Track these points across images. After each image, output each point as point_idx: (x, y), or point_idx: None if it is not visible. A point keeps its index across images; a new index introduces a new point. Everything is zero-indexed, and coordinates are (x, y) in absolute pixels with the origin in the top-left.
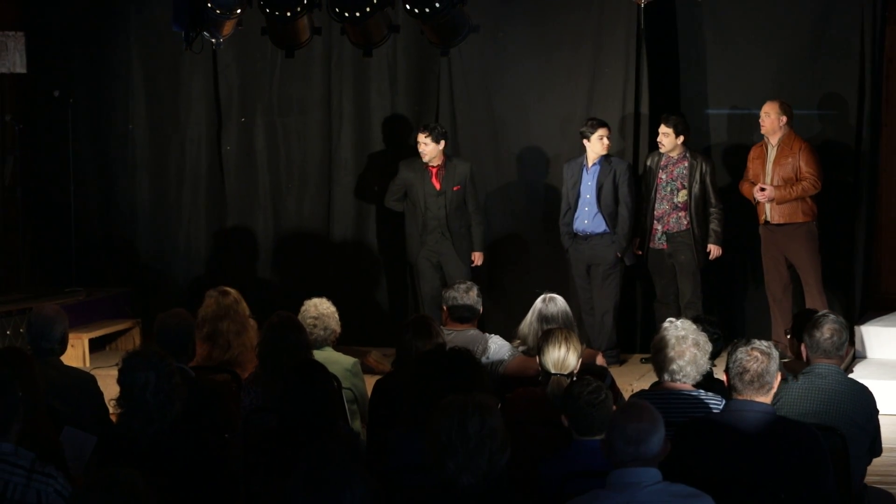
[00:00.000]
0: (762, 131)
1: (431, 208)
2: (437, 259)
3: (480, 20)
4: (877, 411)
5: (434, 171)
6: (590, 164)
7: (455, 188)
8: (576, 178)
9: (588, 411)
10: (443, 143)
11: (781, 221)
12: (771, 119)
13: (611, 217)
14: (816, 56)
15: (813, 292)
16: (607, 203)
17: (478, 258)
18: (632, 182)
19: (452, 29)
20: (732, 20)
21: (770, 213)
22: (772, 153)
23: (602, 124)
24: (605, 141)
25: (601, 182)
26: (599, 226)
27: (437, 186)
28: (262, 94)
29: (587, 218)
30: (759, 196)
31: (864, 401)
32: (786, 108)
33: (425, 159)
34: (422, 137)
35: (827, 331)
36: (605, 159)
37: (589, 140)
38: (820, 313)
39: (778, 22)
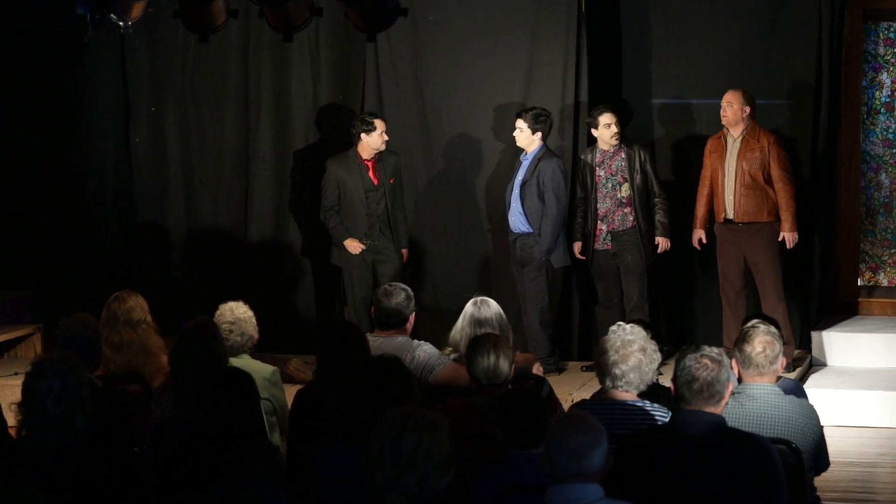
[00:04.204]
0: (723, 122)
1: (371, 205)
2: (373, 259)
3: (410, 3)
4: (819, 428)
5: (370, 164)
6: (522, 157)
7: (391, 181)
8: (515, 170)
9: (524, 423)
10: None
11: (745, 220)
12: (734, 109)
13: (534, 216)
14: (770, 41)
15: (771, 298)
16: (531, 202)
17: (406, 255)
18: (559, 181)
19: (379, 12)
20: (680, 1)
21: (732, 209)
22: (734, 146)
23: (518, 115)
24: (517, 132)
25: (526, 179)
26: (524, 225)
27: (375, 181)
28: (173, 81)
29: (513, 215)
30: (788, 246)
31: (801, 422)
32: (749, 98)
33: (382, 149)
34: (382, 126)
35: (759, 344)
36: (536, 155)
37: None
38: (749, 324)
39: (729, 4)
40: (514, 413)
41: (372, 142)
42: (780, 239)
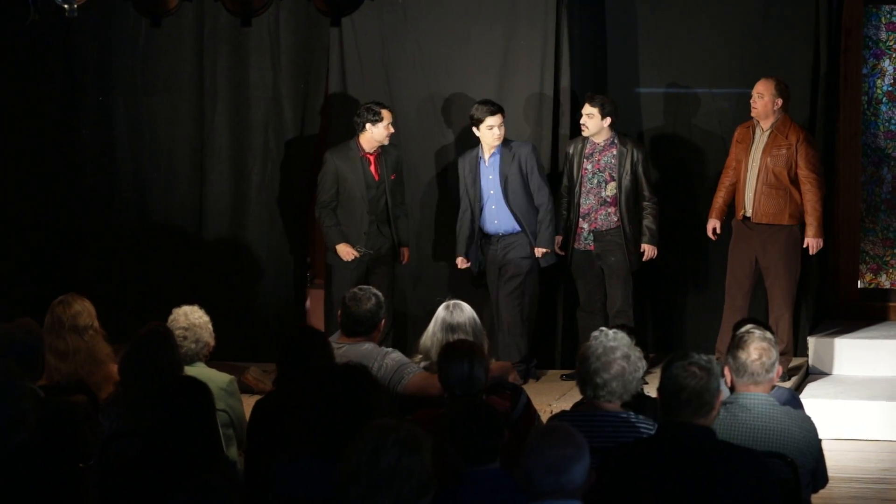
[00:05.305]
0: (752, 114)
1: (372, 202)
2: (368, 259)
3: None
4: (817, 441)
5: (372, 158)
6: (486, 155)
7: (392, 176)
8: (474, 173)
9: (474, 435)
10: None
11: (764, 221)
12: (764, 101)
13: (523, 213)
14: (765, 25)
15: (778, 305)
16: (517, 197)
17: (407, 254)
18: (541, 165)
19: None
20: None
21: (751, 208)
22: (760, 140)
23: (495, 111)
24: (497, 131)
25: (504, 174)
26: (511, 225)
27: (376, 176)
28: (123, 69)
29: (496, 217)
30: (812, 252)
31: (798, 435)
32: (782, 90)
33: (386, 143)
34: (389, 117)
35: (754, 351)
36: (504, 147)
37: (478, 128)
38: (744, 329)
39: None
40: (463, 425)
41: (377, 133)
42: (804, 245)
